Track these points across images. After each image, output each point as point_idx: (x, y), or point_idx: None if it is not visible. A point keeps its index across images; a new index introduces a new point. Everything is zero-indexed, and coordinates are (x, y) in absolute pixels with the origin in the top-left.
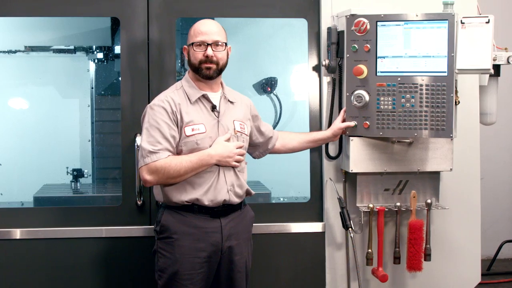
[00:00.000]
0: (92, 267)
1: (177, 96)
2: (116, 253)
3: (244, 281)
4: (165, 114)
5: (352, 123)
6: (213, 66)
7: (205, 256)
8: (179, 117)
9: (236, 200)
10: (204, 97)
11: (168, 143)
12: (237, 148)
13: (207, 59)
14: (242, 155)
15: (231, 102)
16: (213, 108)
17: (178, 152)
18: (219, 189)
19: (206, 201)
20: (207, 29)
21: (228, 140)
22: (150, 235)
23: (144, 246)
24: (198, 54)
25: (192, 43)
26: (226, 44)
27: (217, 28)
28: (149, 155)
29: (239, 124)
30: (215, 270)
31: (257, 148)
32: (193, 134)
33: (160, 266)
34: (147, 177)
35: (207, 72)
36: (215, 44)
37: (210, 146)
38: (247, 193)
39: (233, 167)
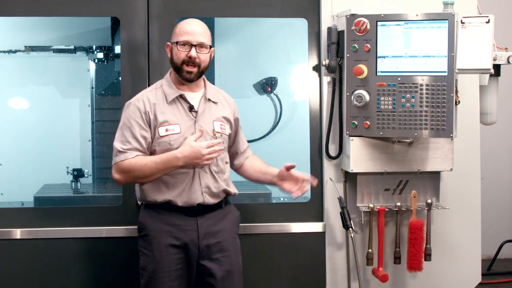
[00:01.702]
0: (92, 267)
1: (154, 95)
2: (116, 253)
3: (233, 280)
4: (138, 113)
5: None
6: (194, 70)
7: (181, 253)
8: (152, 117)
9: (212, 201)
10: (181, 97)
11: (137, 143)
12: (208, 147)
13: (190, 60)
14: (217, 153)
15: (213, 102)
16: (191, 108)
17: (152, 152)
18: (193, 191)
19: (180, 202)
20: (193, 29)
21: (204, 140)
22: None
23: None
24: (181, 54)
25: (177, 42)
26: (210, 46)
27: (202, 29)
28: (118, 154)
29: (219, 124)
30: (195, 268)
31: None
32: (167, 135)
33: (141, 265)
34: (116, 176)
35: (187, 75)
36: (200, 45)
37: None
38: (227, 193)
39: (211, 169)
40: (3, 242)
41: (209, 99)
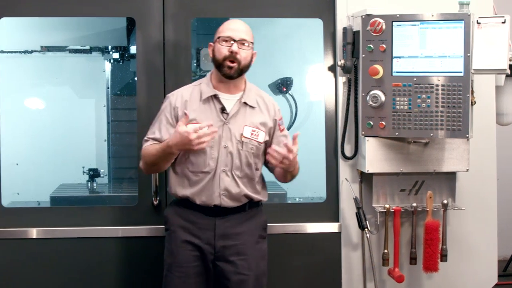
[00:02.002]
0: (108, 266)
1: (189, 92)
2: (132, 253)
3: (248, 285)
4: (168, 108)
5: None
6: (235, 66)
7: (197, 251)
8: (180, 113)
9: (231, 204)
10: (215, 97)
11: (160, 134)
12: (196, 132)
13: (231, 55)
14: (209, 136)
15: (250, 106)
16: (222, 110)
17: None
18: (211, 192)
19: (198, 200)
20: (236, 27)
21: (230, 142)
22: None
23: (160, 246)
24: (223, 49)
25: (219, 37)
26: (252, 45)
27: (245, 28)
28: (143, 143)
29: (250, 130)
30: (212, 268)
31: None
32: None
33: (164, 256)
34: (140, 162)
35: (228, 71)
36: (241, 42)
37: (211, 147)
38: (250, 199)
39: (233, 173)
40: (19, 241)
41: (245, 103)
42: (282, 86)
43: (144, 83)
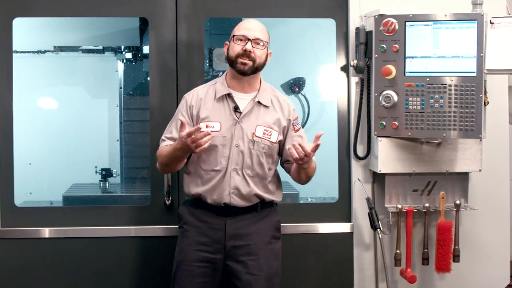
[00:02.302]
0: (120, 266)
1: (205, 91)
2: (144, 253)
3: (259, 284)
4: (184, 107)
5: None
6: (249, 63)
7: (207, 251)
8: (195, 112)
9: (241, 203)
10: (229, 96)
11: (176, 134)
12: (189, 136)
13: (245, 53)
14: (204, 140)
15: (264, 106)
16: (235, 108)
17: None
18: (221, 190)
19: (209, 199)
20: (252, 26)
21: (241, 142)
22: None
23: (173, 246)
24: (237, 47)
25: (234, 36)
26: (267, 45)
27: (261, 28)
28: (160, 142)
29: (263, 129)
30: (221, 269)
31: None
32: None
33: (175, 254)
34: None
35: (241, 67)
36: (256, 41)
37: (223, 145)
38: (262, 199)
39: (244, 172)
40: (32, 241)
41: (258, 102)
42: (294, 86)
43: (157, 83)
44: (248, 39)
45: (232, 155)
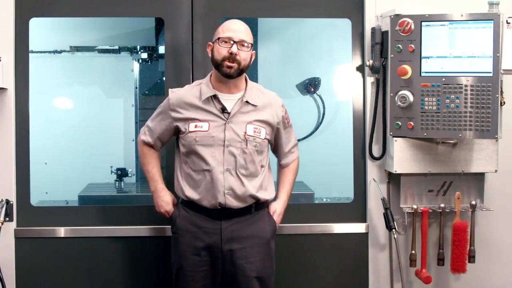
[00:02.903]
0: (135, 265)
1: (191, 92)
2: (160, 252)
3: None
4: (166, 106)
5: None
6: (235, 65)
7: (205, 255)
8: (177, 115)
9: (236, 204)
10: (215, 97)
11: (153, 126)
12: (165, 212)
13: (231, 56)
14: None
15: (252, 105)
16: (223, 110)
17: (181, 144)
18: (216, 191)
19: (204, 201)
20: (236, 27)
21: (235, 142)
22: None
23: None
24: (222, 50)
25: (218, 38)
26: (252, 46)
27: (245, 29)
28: (141, 135)
29: (253, 127)
30: (220, 271)
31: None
32: (194, 131)
33: (172, 259)
34: (139, 147)
35: (227, 70)
36: (241, 43)
37: (211, 145)
38: (256, 199)
39: (237, 171)
40: (47, 240)
41: (246, 102)
42: (310, 86)
43: (173, 83)
44: (234, 41)
45: (225, 156)
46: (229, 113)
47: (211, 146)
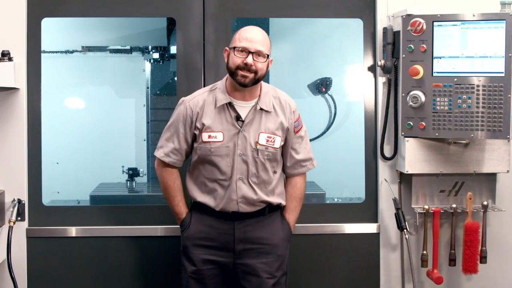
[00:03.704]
0: (146, 265)
1: (205, 98)
2: (170, 252)
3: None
4: (183, 117)
5: None
6: (250, 75)
7: (217, 255)
8: (194, 120)
9: (248, 209)
10: (230, 105)
11: (179, 145)
12: None
13: (246, 66)
14: None
15: (266, 111)
16: (237, 118)
17: (195, 151)
18: (229, 200)
19: (217, 208)
20: (253, 36)
21: (247, 151)
22: None
23: None
24: (237, 60)
25: (234, 48)
26: (268, 56)
27: (262, 38)
28: (159, 152)
29: (265, 136)
30: (231, 271)
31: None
32: (209, 141)
33: (182, 260)
34: (156, 168)
35: (242, 79)
36: (257, 54)
37: (227, 155)
38: (268, 204)
39: (249, 180)
40: (59, 239)
41: (261, 109)
42: (321, 86)
43: (184, 83)
44: (249, 52)
45: (237, 164)
46: (243, 121)
47: (227, 156)
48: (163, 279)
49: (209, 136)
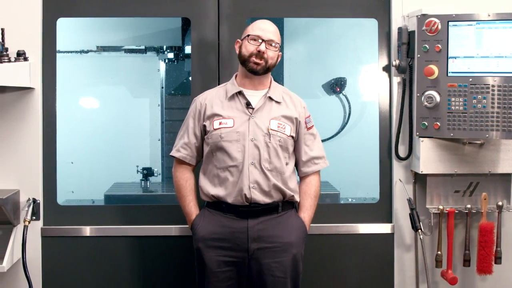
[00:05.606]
0: (161, 265)
1: (214, 92)
2: (185, 251)
3: (282, 287)
4: (194, 110)
5: None
6: (262, 63)
7: (229, 256)
8: (203, 112)
9: (261, 198)
10: (240, 93)
11: (188, 139)
12: None
13: (258, 53)
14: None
15: (276, 102)
16: (248, 104)
17: (206, 143)
18: (241, 186)
19: (229, 199)
20: (266, 27)
21: (260, 136)
22: None
23: None
24: (250, 47)
25: (248, 35)
26: (279, 46)
27: (274, 29)
28: (175, 153)
29: (277, 123)
30: (245, 270)
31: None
32: (219, 128)
33: (195, 262)
34: (173, 169)
35: (254, 66)
36: (269, 43)
37: (237, 140)
38: (282, 193)
39: (262, 165)
40: (73, 239)
41: (270, 97)
42: (335, 86)
43: (199, 83)
44: (263, 40)
45: (249, 149)
46: (253, 108)
47: (237, 142)
48: (177, 279)
49: (220, 123)
